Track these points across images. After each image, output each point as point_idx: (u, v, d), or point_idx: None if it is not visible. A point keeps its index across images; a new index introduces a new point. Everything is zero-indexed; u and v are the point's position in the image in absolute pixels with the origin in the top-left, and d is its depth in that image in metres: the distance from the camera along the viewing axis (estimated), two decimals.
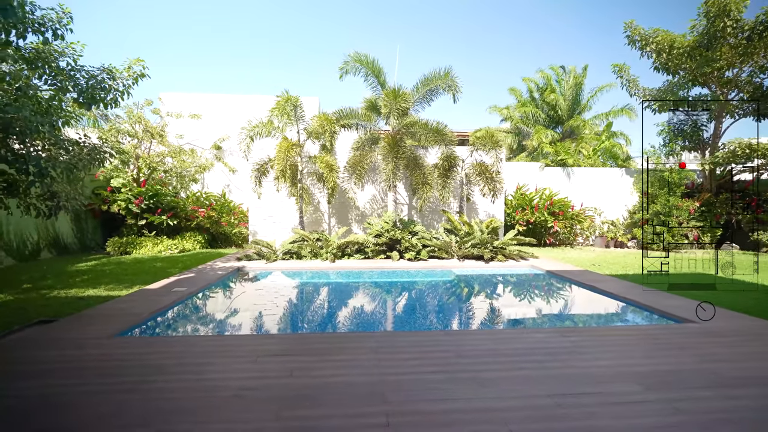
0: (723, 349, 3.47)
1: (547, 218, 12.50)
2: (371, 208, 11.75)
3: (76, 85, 5.72)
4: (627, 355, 3.40)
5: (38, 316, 4.48)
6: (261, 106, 11.95)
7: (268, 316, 5.31)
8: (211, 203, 12.42)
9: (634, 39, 12.88)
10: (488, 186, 10.41)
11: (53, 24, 5.27)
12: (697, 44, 11.96)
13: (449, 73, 9.98)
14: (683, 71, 12.81)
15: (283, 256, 9.01)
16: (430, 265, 8.48)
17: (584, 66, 19.65)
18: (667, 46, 12.41)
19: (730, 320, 4.31)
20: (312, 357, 3.28)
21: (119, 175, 11.47)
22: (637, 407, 2.44)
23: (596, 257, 10.40)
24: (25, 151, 5.06)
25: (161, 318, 4.78)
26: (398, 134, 10.08)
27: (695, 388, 2.70)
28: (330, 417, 2.30)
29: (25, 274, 7.32)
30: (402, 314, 5.83)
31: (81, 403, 2.47)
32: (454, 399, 2.52)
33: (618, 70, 13.99)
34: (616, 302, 5.62)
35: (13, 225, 8.65)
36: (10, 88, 5.17)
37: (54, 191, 5.60)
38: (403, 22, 38.20)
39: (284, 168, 9.67)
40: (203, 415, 2.32)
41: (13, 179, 5.18)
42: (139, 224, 11.32)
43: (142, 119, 11.69)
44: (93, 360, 3.19)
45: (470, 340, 3.94)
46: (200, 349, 3.53)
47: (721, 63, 11.84)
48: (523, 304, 6.46)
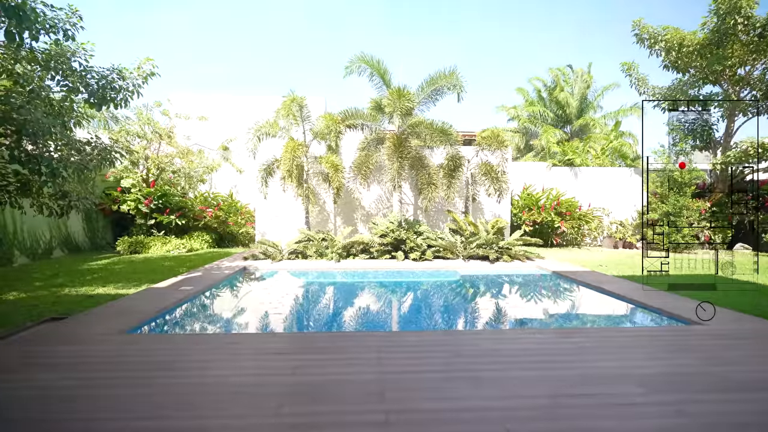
0: (729, 352, 3.42)
1: (554, 218, 12.39)
2: (377, 208, 11.78)
3: (87, 86, 5.83)
4: (630, 357, 3.37)
5: (50, 313, 4.59)
6: (268, 106, 12.05)
7: (273, 315, 5.37)
8: (219, 203, 12.57)
9: (642, 37, 12.71)
10: (494, 186, 10.36)
11: (63, 24, 5.37)
12: (707, 42, 11.76)
13: (454, 73, 9.96)
14: (693, 69, 12.60)
15: (289, 255, 9.08)
16: (434, 266, 8.47)
17: (588, 64, 19.47)
18: (676, 44, 12.22)
19: (739, 322, 4.24)
20: (314, 355, 3.32)
21: (129, 175, 11.67)
22: (639, 409, 2.43)
23: (604, 258, 10.29)
24: (38, 151, 5.19)
25: (168, 316, 4.87)
26: (403, 134, 10.09)
27: (699, 391, 2.67)
28: (329, 414, 2.34)
29: (37, 272, 7.49)
30: (405, 314, 5.84)
31: (91, 396, 2.54)
32: (453, 398, 2.54)
33: (626, 69, 13.82)
34: (621, 303, 5.56)
35: (26, 224, 8.86)
36: (23, 90, 5.30)
37: (66, 191, 5.73)
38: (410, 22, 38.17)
39: (290, 168, 9.75)
40: (207, 410, 2.38)
41: (26, 179, 5.31)
42: (149, 224, 11.51)
43: (151, 121, 11.88)
44: (102, 355, 3.27)
45: (472, 340, 3.94)
46: (205, 346, 3.59)
47: (733, 60, 11.63)
48: (527, 305, 6.43)
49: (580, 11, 34.86)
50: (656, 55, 12.78)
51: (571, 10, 34.50)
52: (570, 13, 35.36)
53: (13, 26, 4.59)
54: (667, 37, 12.33)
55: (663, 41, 12.40)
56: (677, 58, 12.39)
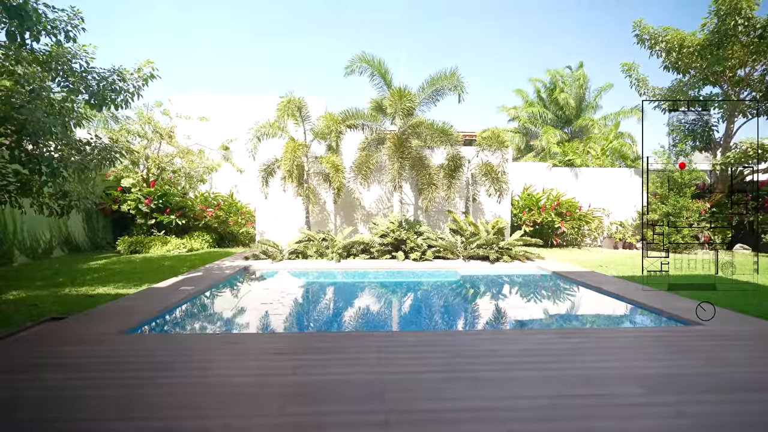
0: (730, 353, 3.43)
1: (555, 219, 12.40)
2: (377, 208, 11.78)
3: (87, 87, 5.84)
4: (630, 357, 3.38)
5: (50, 313, 4.60)
6: (269, 106, 12.04)
7: (273, 315, 5.37)
8: (219, 203, 12.58)
9: (643, 38, 12.72)
10: (494, 186, 10.37)
11: (65, 26, 5.38)
12: (707, 42, 11.77)
13: (455, 74, 9.96)
14: (694, 70, 12.62)
15: (289, 255, 9.08)
16: (435, 266, 8.48)
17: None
18: (677, 45, 12.24)
19: (739, 323, 4.24)
20: (314, 356, 3.32)
21: (129, 175, 11.67)
22: (639, 409, 2.43)
23: (604, 258, 10.30)
24: (38, 151, 5.19)
25: (169, 316, 4.87)
26: (404, 134, 10.10)
27: (699, 392, 2.67)
28: (329, 414, 2.34)
29: (38, 271, 7.50)
30: (405, 314, 5.85)
31: (92, 396, 2.54)
32: (453, 399, 2.54)
33: (627, 69, 13.83)
34: (621, 304, 5.56)
35: (26, 224, 8.86)
36: (24, 90, 5.30)
37: (66, 191, 5.74)
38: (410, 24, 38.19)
39: (291, 168, 9.75)
40: (208, 410, 2.38)
41: (26, 179, 5.31)
42: (149, 224, 11.51)
43: (151, 120, 11.88)
44: (102, 355, 3.27)
45: (472, 341, 3.94)
46: (206, 346, 3.60)
47: (733, 62, 11.64)
48: (527, 305, 6.43)
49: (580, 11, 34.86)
50: (657, 56, 12.80)
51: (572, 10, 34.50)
52: (570, 13, 35.36)
53: (14, 27, 4.60)
54: (667, 37, 12.35)
55: (663, 42, 12.41)
56: (677, 58, 12.41)
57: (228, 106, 14.85)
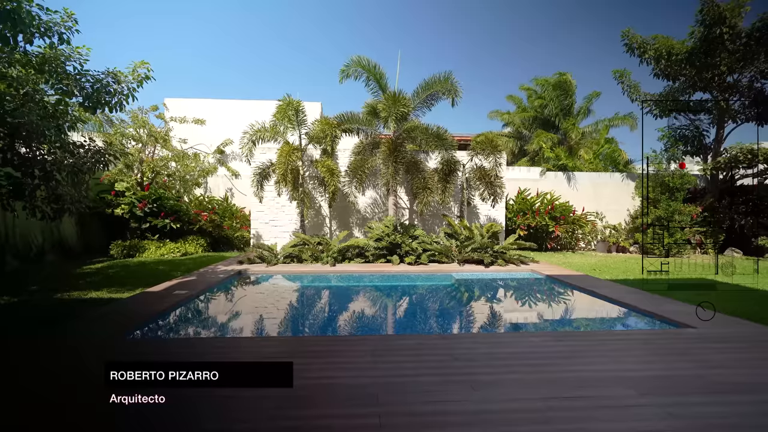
0: (720, 355, 3.47)
1: (549, 223, 12.49)
2: (372, 212, 11.80)
3: (81, 90, 5.82)
4: (623, 360, 3.41)
5: (42, 317, 4.54)
6: (264, 111, 12.09)
7: (268, 319, 5.35)
8: (214, 207, 12.51)
9: (632, 46, 12.93)
10: (488, 190, 10.44)
11: (58, 28, 5.36)
12: (695, 50, 12.00)
13: (449, 78, 10.06)
14: (683, 77, 12.83)
15: (284, 259, 9.05)
16: (430, 269, 8.49)
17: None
18: (665, 53, 12.45)
19: (729, 326, 4.30)
20: (308, 359, 3.31)
21: (123, 178, 11.58)
22: (631, 411, 2.46)
23: (597, 262, 10.38)
24: (31, 154, 5.16)
25: (162, 321, 4.83)
26: (399, 139, 10.15)
27: (690, 394, 2.71)
28: (322, 417, 2.34)
29: (30, 276, 7.40)
30: (400, 318, 5.85)
31: (85, 401, 2.52)
32: (447, 401, 2.55)
33: (619, 76, 14.03)
34: (614, 307, 5.61)
35: (18, 228, 8.75)
36: (17, 93, 5.27)
37: (59, 194, 5.69)
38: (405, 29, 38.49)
39: (286, 172, 9.75)
40: (201, 414, 2.36)
41: (18, 182, 5.27)
42: (143, 227, 11.41)
43: (146, 124, 11.83)
44: (95, 360, 3.24)
45: (466, 344, 3.96)
46: (200, 350, 3.58)
47: (722, 68, 11.86)
48: (521, 309, 6.46)
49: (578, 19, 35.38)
50: (646, 64, 13.00)
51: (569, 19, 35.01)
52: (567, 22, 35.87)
53: (7, 29, 4.59)
54: (656, 45, 12.56)
55: (653, 50, 12.62)
56: (667, 66, 12.62)
57: (223, 110, 14.86)
